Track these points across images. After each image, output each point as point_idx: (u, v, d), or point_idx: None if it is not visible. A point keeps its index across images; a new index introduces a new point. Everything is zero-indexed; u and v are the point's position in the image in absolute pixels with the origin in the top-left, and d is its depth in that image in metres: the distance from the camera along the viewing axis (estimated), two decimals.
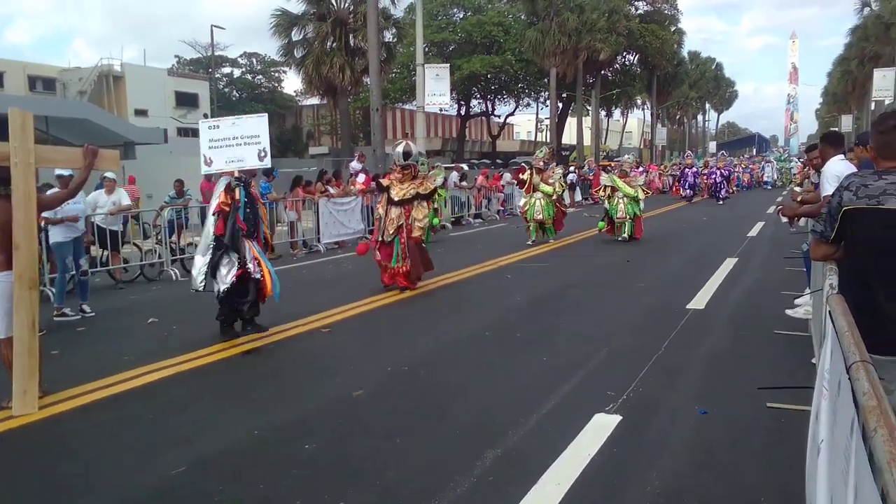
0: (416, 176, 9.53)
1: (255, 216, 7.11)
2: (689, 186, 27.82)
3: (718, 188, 27.62)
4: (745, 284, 9.38)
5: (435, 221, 10.94)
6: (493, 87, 51.84)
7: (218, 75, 51.14)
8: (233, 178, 6.94)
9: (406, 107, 53.14)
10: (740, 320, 7.28)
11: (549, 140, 47.27)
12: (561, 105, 49.51)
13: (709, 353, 6.08)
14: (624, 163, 16.57)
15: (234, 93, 55.77)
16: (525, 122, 71.55)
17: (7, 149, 5.01)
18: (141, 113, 41.33)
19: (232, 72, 58.16)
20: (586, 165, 32.58)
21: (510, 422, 4.46)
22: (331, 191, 15.57)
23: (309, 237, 15.04)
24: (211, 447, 4.24)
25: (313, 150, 50.11)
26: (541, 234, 14.48)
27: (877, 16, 51.22)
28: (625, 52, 51.34)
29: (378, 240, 9.47)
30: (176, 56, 59.39)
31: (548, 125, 51.30)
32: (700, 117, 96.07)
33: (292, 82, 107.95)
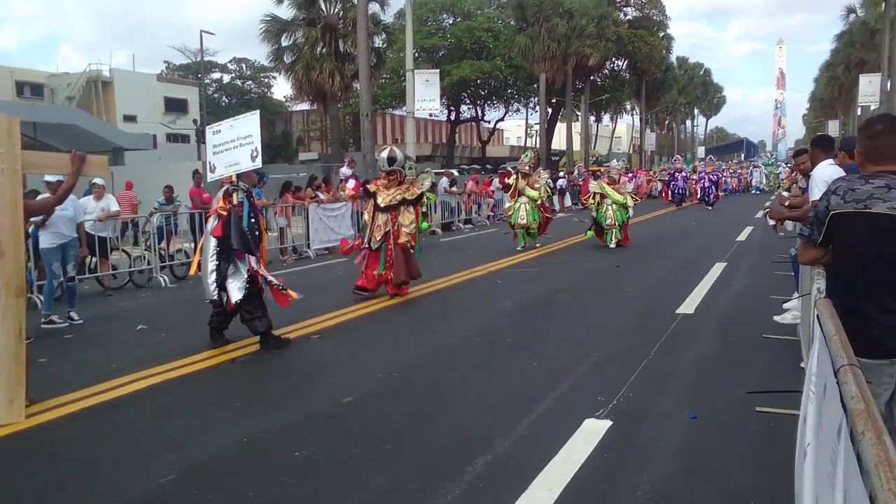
0: (402, 181, 9.46)
1: (258, 228, 6.93)
2: (680, 191, 27.93)
3: (708, 193, 27.75)
4: (734, 289, 9.43)
5: (424, 226, 10.90)
6: (483, 93, 52.08)
7: (207, 81, 51.06)
8: (230, 183, 6.79)
9: (396, 112, 53.23)
10: (729, 325, 7.31)
11: (538, 145, 47.41)
12: (550, 110, 49.79)
13: (698, 358, 6.10)
14: (611, 168, 16.11)
15: (224, 98, 55.70)
16: (515, 127, 71.75)
17: None
18: (130, 119, 41.25)
19: (221, 77, 58.16)
20: (576, 171, 32.72)
21: (501, 427, 4.46)
22: (321, 196, 15.57)
23: (299, 243, 15.00)
24: (200, 455, 4.22)
25: (303, 156, 50.17)
26: (529, 239, 14.51)
27: (862, 22, 51.68)
28: (614, 58, 51.61)
29: (364, 246, 9.37)
30: (165, 61, 59.63)
31: (537, 130, 51.48)
32: (689, 122, 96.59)
33: (282, 88, 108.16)
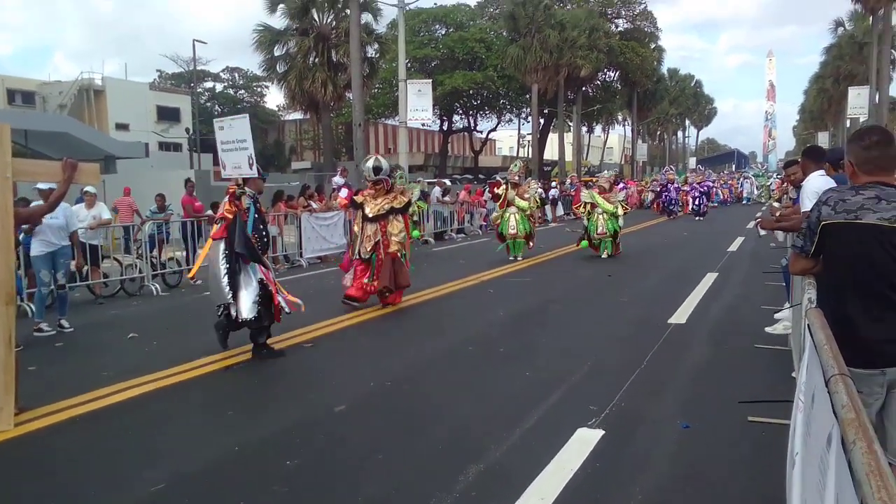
0: (389, 190, 9.39)
1: (266, 235, 6.87)
2: (672, 202, 28.03)
3: (698, 204, 27.86)
4: (725, 299, 9.46)
5: (415, 234, 10.85)
6: (476, 103, 52.23)
7: (200, 90, 51.02)
8: (238, 186, 6.73)
9: (389, 122, 53.40)
10: (721, 335, 7.33)
11: (530, 156, 47.57)
12: (542, 121, 50.01)
13: (690, 368, 6.12)
14: (601, 178, 16.12)
15: (217, 107, 55.63)
16: (507, 137, 72.02)
17: None
18: (122, 127, 41.14)
19: (214, 86, 58.21)
20: (568, 181, 32.82)
21: (493, 436, 4.45)
22: (313, 205, 15.57)
23: (291, 252, 14.99)
24: (191, 464, 4.19)
25: (296, 165, 50.15)
26: (526, 247, 14.55)
27: (850, 35, 52.28)
28: (605, 69, 51.96)
29: (354, 258, 9.30)
30: (158, 70, 59.32)
31: (530, 141, 51.66)
32: (680, 133, 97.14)
33: (275, 97, 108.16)
